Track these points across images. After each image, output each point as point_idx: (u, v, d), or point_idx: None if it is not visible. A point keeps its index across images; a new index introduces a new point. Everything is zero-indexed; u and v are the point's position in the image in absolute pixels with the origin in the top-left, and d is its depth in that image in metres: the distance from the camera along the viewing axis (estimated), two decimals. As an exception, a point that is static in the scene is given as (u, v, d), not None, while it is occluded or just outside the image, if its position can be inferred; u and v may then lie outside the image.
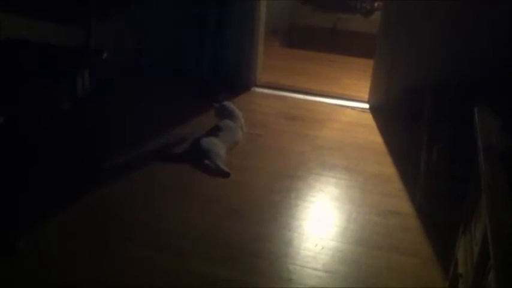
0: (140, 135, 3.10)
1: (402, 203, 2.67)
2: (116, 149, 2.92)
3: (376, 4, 4.53)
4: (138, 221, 2.46)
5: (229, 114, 3.14)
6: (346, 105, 3.65)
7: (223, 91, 3.36)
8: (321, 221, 2.56)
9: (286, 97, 3.73)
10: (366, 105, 3.63)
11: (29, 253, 2.22)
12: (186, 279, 2.15)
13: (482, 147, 1.58)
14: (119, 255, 2.25)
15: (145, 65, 3.69)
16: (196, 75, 3.62)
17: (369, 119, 3.50)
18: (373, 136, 3.29)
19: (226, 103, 3.19)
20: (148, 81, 3.65)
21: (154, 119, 3.30)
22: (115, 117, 3.13)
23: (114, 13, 2.90)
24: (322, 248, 2.35)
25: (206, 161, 2.84)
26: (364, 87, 3.72)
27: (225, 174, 2.81)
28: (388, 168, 2.96)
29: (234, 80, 3.69)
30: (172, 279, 2.15)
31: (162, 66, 3.70)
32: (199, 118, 3.31)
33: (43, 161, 2.72)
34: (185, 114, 3.35)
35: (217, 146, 2.90)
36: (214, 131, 3.00)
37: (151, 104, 3.45)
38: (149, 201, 2.61)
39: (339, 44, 4.51)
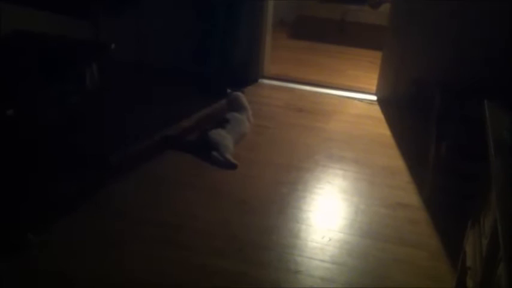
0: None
1: (410, 196, 2.67)
2: (120, 146, 2.90)
3: (384, -4, 4.51)
4: (146, 216, 2.46)
5: (237, 106, 3.14)
6: (354, 97, 3.64)
7: (227, 86, 3.33)
8: (329, 213, 2.56)
9: (294, 89, 3.72)
10: (374, 98, 3.62)
11: (36, 248, 2.22)
12: (193, 272, 2.16)
13: (492, 141, 1.58)
14: (127, 251, 2.25)
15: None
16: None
17: (377, 111, 3.49)
18: (380, 128, 3.28)
19: (236, 94, 3.18)
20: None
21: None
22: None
23: (122, 9, 2.88)
24: (330, 239, 2.36)
25: (214, 153, 2.84)
26: (372, 79, 3.71)
27: (233, 166, 2.82)
28: (396, 160, 2.95)
29: (242, 72, 3.68)
30: (180, 273, 2.15)
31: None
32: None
33: (50, 157, 2.69)
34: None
35: (225, 138, 2.91)
36: (222, 123, 3.00)
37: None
38: (156, 194, 2.61)
39: (347, 35, 4.49)
